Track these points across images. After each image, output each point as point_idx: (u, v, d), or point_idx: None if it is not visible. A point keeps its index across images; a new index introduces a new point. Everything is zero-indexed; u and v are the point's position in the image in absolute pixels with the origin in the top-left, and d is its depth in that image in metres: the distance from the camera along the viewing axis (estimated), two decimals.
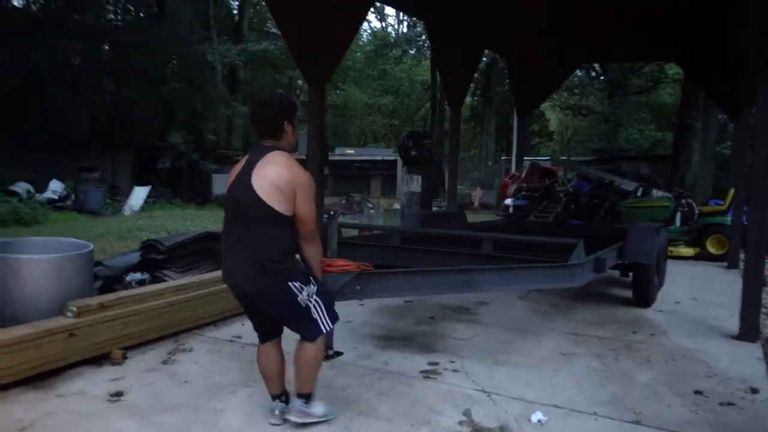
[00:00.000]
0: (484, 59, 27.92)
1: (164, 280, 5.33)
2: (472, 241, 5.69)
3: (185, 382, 3.91)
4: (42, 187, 17.02)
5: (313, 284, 3.08)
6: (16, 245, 4.77)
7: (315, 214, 3.08)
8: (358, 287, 3.64)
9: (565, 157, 23.34)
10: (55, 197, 16.14)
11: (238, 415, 3.41)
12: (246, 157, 3.16)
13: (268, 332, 3.30)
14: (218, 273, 5.54)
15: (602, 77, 29.77)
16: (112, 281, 5.57)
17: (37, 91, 24.71)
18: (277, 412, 3.30)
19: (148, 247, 5.66)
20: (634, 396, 3.83)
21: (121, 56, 24.07)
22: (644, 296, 6.29)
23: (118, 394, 3.67)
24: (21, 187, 15.59)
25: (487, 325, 5.45)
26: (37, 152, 22.05)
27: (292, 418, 3.20)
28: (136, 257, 5.73)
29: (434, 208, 8.63)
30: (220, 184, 23.84)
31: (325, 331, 3.14)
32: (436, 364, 4.35)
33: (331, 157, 27.14)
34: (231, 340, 4.80)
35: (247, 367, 4.20)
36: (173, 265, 5.51)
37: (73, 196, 16.58)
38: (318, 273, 3.22)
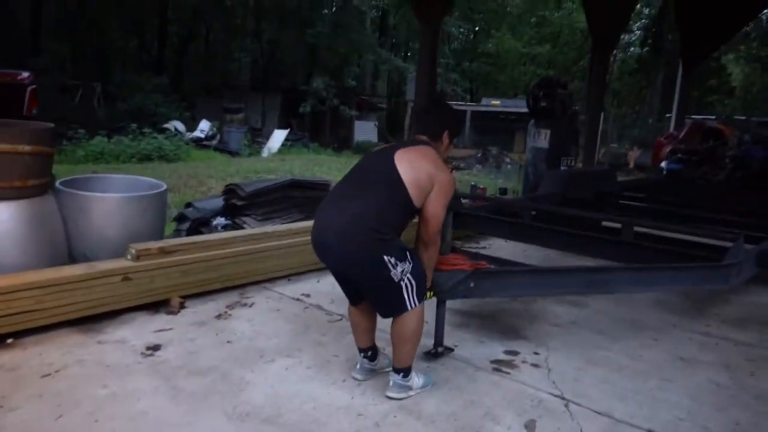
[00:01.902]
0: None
1: (243, 228, 5.08)
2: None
3: (228, 342, 3.61)
4: (196, 127, 18.07)
5: (409, 262, 2.83)
6: (97, 181, 4.74)
7: (443, 218, 2.93)
8: (472, 285, 3.34)
9: (743, 117, 20.32)
10: (202, 136, 17.03)
11: (263, 390, 3.02)
12: (394, 143, 3.12)
13: (358, 299, 3.11)
14: (298, 224, 5.24)
15: None
16: (199, 224, 5.46)
17: (199, 36, 26.27)
18: (358, 366, 3.21)
19: (230, 191, 5.44)
20: (764, 430, 2.89)
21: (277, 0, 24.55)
22: None
23: (156, 348, 3.45)
24: (172, 125, 16.64)
25: (593, 311, 4.57)
26: (198, 94, 23.55)
27: (393, 394, 2.99)
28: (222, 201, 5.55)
29: (561, 167, 7.61)
30: (361, 130, 23.87)
31: (408, 309, 2.87)
32: (515, 354, 3.66)
33: (474, 108, 26.08)
34: (297, 299, 4.44)
35: (301, 332, 3.82)
36: (254, 212, 5.24)
37: (218, 136, 17.40)
38: (430, 276, 3.08)
